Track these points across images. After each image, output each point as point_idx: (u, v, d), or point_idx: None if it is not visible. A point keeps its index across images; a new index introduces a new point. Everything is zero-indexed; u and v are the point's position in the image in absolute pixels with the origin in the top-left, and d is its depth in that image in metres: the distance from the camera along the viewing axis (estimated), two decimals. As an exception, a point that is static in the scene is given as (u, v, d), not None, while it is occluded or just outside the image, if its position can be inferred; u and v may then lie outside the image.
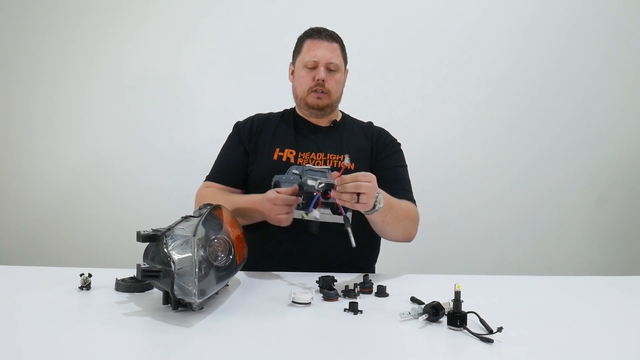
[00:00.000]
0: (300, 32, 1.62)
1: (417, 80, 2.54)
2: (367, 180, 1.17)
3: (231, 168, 1.58)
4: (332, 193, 1.17)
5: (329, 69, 1.54)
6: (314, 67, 1.54)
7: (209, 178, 1.59)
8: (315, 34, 1.57)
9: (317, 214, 1.21)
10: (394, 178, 1.53)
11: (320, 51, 1.53)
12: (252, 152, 1.57)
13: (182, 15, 2.53)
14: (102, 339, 0.87)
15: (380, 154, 1.58)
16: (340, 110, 1.69)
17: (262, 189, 1.50)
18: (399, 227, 1.41)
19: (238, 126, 1.65)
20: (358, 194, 1.15)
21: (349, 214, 1.31)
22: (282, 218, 1.32)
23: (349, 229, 1.17)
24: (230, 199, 1.44)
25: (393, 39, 2.54)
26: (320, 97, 1.55)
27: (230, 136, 1.64)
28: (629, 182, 2.58)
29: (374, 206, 1.23)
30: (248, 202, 1.42)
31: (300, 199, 1.31)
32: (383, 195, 1.27)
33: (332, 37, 1.57)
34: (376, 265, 1.60)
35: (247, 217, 1.41)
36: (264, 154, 1.55)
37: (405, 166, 1.60)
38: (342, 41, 1.60)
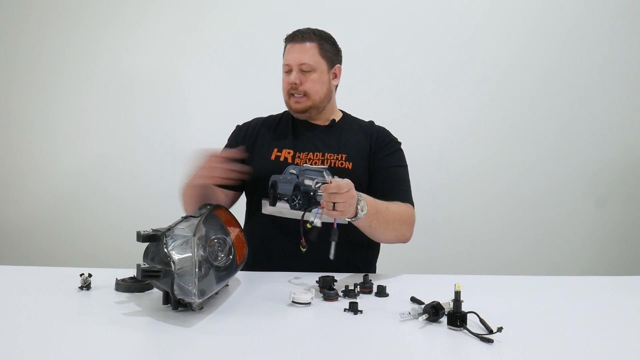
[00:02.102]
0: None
1: (417, 80, 2.54)
2: (341, 191, 1.15)
3: None
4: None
5: (303, 70, 1.51)
6: (289, 70, 1.53)
7: None
8: (289, 37, 1.56)
9: (319, 223, 1.21)
10: (391, 177, 1.52)
11: (291, 54, 1.52)
12: (250, 154, 1.57)
13: (181, 16, 2.53)
14: (102, 339, 0.87)
15: (378, 153, 1.55)
16: (341, 110, 1.68)
17: (259, 189, 1.50)
18: (388, 231, 1.39)
19: (237, 129, 1.65)
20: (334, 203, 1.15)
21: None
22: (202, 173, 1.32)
23: (333, 242, 1.18)
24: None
25: (393, 39, 2.54)
26: (298, 101, 1.53)
27: (229, 139, 1.64)
28: (629, 182, 2.58)
29: (356, 213, 1.22)
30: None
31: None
32: (367, 200, 1.25)
33: (305, 37, 1.53)
34: (376, 265, 1.60)
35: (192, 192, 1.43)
36: (262, 154, 1.54)
37: (405, 166, 1.57)
38: (323, 39, 1.55)
